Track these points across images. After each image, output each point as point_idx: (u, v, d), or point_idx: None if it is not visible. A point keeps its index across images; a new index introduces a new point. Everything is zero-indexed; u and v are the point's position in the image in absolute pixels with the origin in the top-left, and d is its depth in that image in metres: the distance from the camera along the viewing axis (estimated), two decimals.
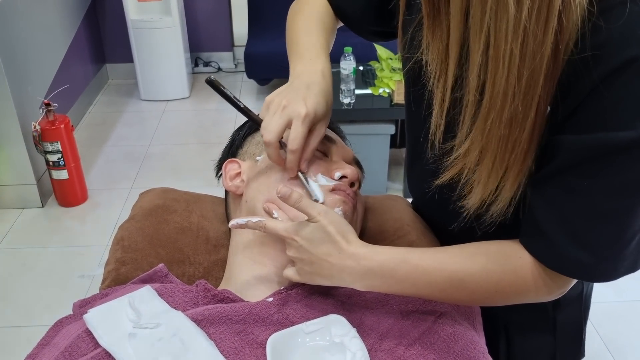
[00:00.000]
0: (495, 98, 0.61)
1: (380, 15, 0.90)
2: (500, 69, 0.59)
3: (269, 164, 0.88)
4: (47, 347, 0.77)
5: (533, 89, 0.60)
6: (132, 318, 0.74)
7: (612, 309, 2.13)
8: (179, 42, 3.59)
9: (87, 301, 0.84)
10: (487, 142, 0.64)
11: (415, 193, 0.99)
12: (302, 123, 0.77)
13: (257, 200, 0.86)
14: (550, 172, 0.67)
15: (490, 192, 0.68)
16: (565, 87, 0.62)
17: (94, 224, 2.61)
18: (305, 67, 0.83)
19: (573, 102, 0.62)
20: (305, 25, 0.90)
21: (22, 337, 2.01)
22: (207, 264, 0.95)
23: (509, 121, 0.62)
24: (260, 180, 0.88)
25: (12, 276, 2.29)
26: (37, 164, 2.64)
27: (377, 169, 2.66)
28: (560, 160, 0.65)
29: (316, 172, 0.86)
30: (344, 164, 0.91)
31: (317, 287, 0.82)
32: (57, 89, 2.78)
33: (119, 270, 0.91)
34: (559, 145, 0.65)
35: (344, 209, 0.84)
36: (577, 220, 0.66)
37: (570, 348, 0.94)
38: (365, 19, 0.94)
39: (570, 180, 0.65)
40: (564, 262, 0.68)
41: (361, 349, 0.72)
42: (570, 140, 0.63)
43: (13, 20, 2.54)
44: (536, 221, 0.69)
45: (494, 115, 0.62)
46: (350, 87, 2.58)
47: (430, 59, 0.68)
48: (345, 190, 0.86)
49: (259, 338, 0.74)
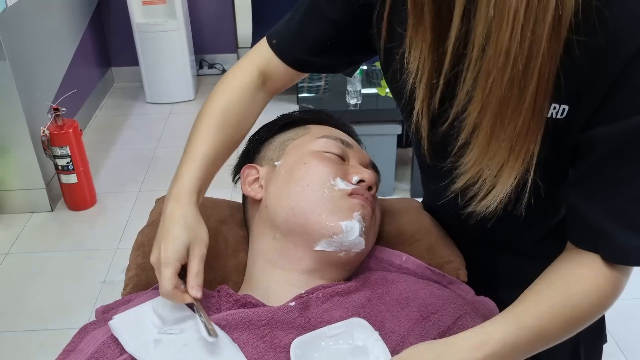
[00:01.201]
0: (498, 55, 0.61)
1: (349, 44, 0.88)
2: (504, 24, 0.59)
3: (288, 168, 0.89)
4: (72, 353, 0.78)
5: (535, 56, 0.60)
6: (156, 324, 0.75)
7: (623, 306, 2.12)
8: (184, 44, 3.60)
9: (110, 307, 0.85)
10: (487, 101, 0.64)
11: (428, 191, 0.99)
12: (164, 268, 0.76)
13: (278, 205, 0.87)
14: (588, 168, 0.68)
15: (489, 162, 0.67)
16: (583, 82, 0.64)
17: (103, 228, 2.63)
18: (174, 205, 0.82)
19: (597, 94, 0.64)
20: (203, 126, 0.88)
21: (34, 341, 2.02)
22: (227, 268, 0.96)
23: (510, 82, 0.62)
24: (280, 185, 0.89)
25: (23, 280, 2.31)
26: (46, 168, 2.65)
27: (384, 169, 2.63)
28: (597, 154, 0.66)
29: (335, 176, 0.87)
30: (361, 167, 0.91)
31: (337, 291, 0.83)
32: (65, 94, 2.79)
33: (140, 276, 0.92)
34: (593, 140, 0.66)
35: (362, 213, 0.85)
36: (629, 208, 0.66)
37: (592, 334, 0.95)
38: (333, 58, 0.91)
39: (613, 170, 0.66)
40: (625, 252, 0.68)
41: (384, 352, 0.73)
42: (604, 132, 0.65)
43: (20, 27, 2.56)
44: (586, 221, 0.70)
45: (495, 73, 0.62)
46: (357, 88, 2.59)
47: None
48: (363, 194, 0.87)
49: (282, 342, 0.75)
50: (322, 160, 0.88)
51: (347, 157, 0.93)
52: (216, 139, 0.87)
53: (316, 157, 0.88)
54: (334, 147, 0.91)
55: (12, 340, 2.03)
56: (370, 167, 0.96)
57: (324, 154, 0.90)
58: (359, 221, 0.84)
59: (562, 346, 0.93)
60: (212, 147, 0.86)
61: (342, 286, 0.84)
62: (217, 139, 0.87)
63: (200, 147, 0.86)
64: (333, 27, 0.86)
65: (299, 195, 0.85)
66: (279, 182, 0.89)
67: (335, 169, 0.88)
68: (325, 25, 0.86)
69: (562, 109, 0.67)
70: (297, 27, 0.89)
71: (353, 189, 0.86)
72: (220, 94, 0.91)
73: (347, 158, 0.93)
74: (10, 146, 2.55)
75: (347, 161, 0.92)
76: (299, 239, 0.85)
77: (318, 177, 0.86)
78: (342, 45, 0.88)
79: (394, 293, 0.83)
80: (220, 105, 0.89)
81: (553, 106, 0.66)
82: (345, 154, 0.93)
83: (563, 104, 0.66)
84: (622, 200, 0.67)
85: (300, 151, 0.91)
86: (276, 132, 0.99)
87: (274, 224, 0.87)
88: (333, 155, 0.90)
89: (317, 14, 0.86)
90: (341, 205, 0.84)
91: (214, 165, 0.87)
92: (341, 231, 0.83)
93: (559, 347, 0.93)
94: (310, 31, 0.88)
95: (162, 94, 3.71)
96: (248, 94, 0.91)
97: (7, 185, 2.62)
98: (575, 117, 0.67)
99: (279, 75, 0.92)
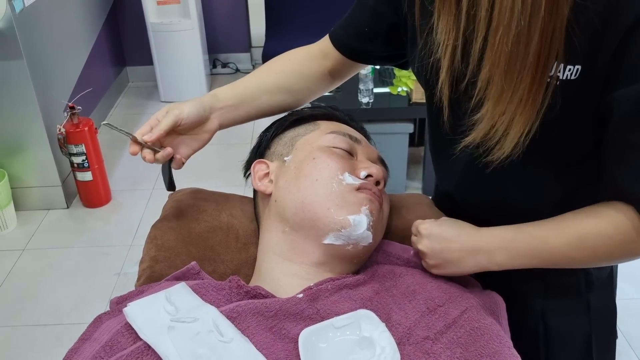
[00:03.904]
0: (503, 13, 0.66)
1: (387, 39, 0.95)
2: None
3: (297, 163, 0.91)
4: (87, 342, 0.80)
5: (537, 12, 0.65)
6: (170, 311, 0.77)
7: (633, 305, 2.12)
8: (198, 44, 3.63)
9: (124, 298, 0.87)
10: (496, 57, 0.69)
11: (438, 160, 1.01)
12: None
13: (287, 200, 0.89)
14: (613, 131, 0.71)
15: (501, 119, 0.72)
16: (594, 42, 0.67)
17: (118, 225, 2.66)
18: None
19: (608, 54, 0.67)
20: (254, 72, 1.03)
21: (50, 335, 2.06)
22: (238, 261, 0.98)
23: (517, 38, 0.67)
24: (289, 180, 0.90)
25: (39, 276, 2.35)
26: (62, 166, 2.70)
27: (395, 168, 2.67)
28: (619, 117, 0.69)
29: (343, 171, 0.88)
30: (369, 163, 0.93)
31: (346, 283, 0.84)
32: (80, 92, 2.83)
33: (153, 268, 0.94)
34: (612, 103, 0.69)
35: (370, 208, 0.86)
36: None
37: (605, 329, 0.96)
38: (372, 48, 0.98)
39: (634, 133, 0.68)
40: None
41: (390, 343, 0.75)
42: (622, 95, 0.68)
43: (37, 26, 2.60)
44: (614, 180, 0.72)
45: (502, 30, 0.67)
46: (369, 87, 2.60)
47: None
48: (371, 188, 0.88)
49: (291, 333, 0.77)
50: (331, 155, 0.89)
51: (355, 152, 0.94)
52: (264, 79, 1.01)
53: (325, 152, 0.90)
54: (342, 143, 0.93)
55: (28, 334, 2.07)
56: (378, 163, 0.97)
57: (333, 149, 0.91)
58: (366, 215, 0.85)
59: (573, 341, 0.94)
60: (255, 82, 1.00)
61: (350, 279, 0.85)
62: (266, 79, 1.01)
63: (244, 80, 1.01)
64: (370, 13, 0.95)
65: (307, 190, 0.87)
66: (289, 177, 0.91)
67: (344, 164, 0.89)
68: (364, 12, 0.96)
69: (576, 70, 0.70)
70: (347, 15, 1.00)
71: (361, 184, 0.88)
72: (281, 55, 1.04)
73: (356, 153, 0.94)
74: (27, 144, 2.59)
75: (355, 156, 0.94)
76: (308, 232, 0.86)
77: (326, 171, 0.87)
78: (380, 34, 0.95)
79: (401, 286, 0.85)
80: (279, 59, 1.03)
81: (568, 68, 0.70)
82: (354, 150, 0.94)
83: (577, 65, 0.70)
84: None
85: (309, 147, 0.92)
86: (286, 128, 1.00)
87: (283, 217, 0.89)
88: (341, 151, 0.92)
89: (361, 2, 0.97)
90: (349, 200, 0.86)
91: (252, 99, 1.00)
92: (349, 225, 0.84)
93: (570, 342, 0.95)
94: (355, 19, 0.98)
95: (176, 93, 3.75)
96: (307, 59, 1.02)
97: (23, 182, 2.66)
98: (589, 78, 0.69)
99: (334, 59, 1.02)
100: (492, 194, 0.88)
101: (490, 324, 0.80)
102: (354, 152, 0.94)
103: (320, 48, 1.02)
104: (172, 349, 0.71)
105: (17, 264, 2.41)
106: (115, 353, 0.74)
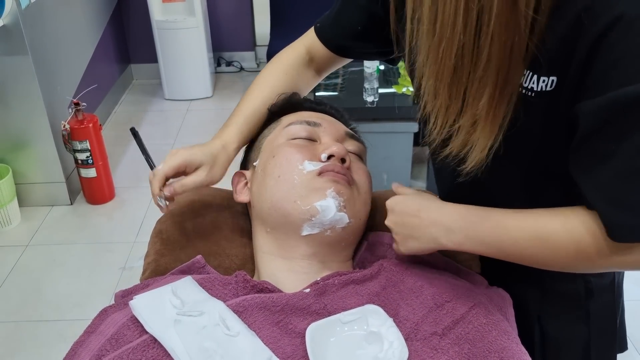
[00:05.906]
0: (445, 27, 0.64)
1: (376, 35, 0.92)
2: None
3: (262, 166, 0.92)
4: (93, 335, 0.80)
5: (486, 24, 0.62)
6: (176, 305, 0.76)
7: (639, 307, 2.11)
8: (202, 42, 3.63)
9: (129, 291, 0.87)
10: (440, 71, 0.68)
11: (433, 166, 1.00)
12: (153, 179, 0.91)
13: (260, 202, 0.90)
14: (578, 141, 0.68)
15: (450, 125, 0.71)
16: (566, 53, 0.65)
17: (121, 221, 2.66)
18: (218, 135, 0.97)
19: (578, 66, 0.64)
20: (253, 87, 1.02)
21: (53, 331, 2.06)
22: (243, 256, 0.98)
23: (461, 52, 0.65)
24: (259, 183, 0.91)
25: (43, 272, 2.35)
26: (66, 162, 2.69)
27: (400, 167, 2.67)
28: (583, 128, 0.66)
29: (302, 160, 0.88)
30: (331, 142, 0.92)
31: (353, 278, 0.84)
32: (85, 89, 2.83)
33: (158, 262, 0.94)
34: (579, 114, 0.66)
35: (336, 189, 0.85)
36: (614, 184, 0.65)
37: (605, 339, 0.93)
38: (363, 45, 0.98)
39: (598, 146, 0.66)
40: (612, 228, 0.66)
41: (398, 338, 0.74)
42: (586, 106, 0.65)
43: (43, 23, 2.60)
44: (583, 192, 0.69)
45: (444, 44, 0.65)
46: (374, 86, 2.59)
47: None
48: (333, 169, 0.87)
49: (298, 328, 0.76)
50: (288, 148, 0.90)
51: (317, 136, 0.94)
52: (264, 98, 0.99)
53: (282, 148, 0.90)
54: (301, 131, 0.93)
55: (31, 330, 2.07)
56: (347, 138, 0.97)
57: (290, 141, 0.91)
58: (333, 197, 0.85)
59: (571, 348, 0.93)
60: (257, 103, 0.99)
61: (357, 274, 0.85)
62: (265, 97, 1.00)
63: (249, 102, 0.99)
64: (362, 12, 0.93)
65: (273, 188, 0.88)
66: (258, 181, 0.92)
67: (303, 153, 0.89)
68: (356, 11, 0.95)
69: (552, 81, 0.68)
70: (336, 12, 0.98)
71: (322, 167, 0.87)
72: (271, 63, 1.04)
73: (318, 137, 0.94)
74: (31, 140, 2.59)
75: (318, 140, 0.93)
76: (286, 228, 0.87)
77: (286, 166, 0.88)
78: (372, 32, 0.93)
79: (408, 282, 0.84)
80: (269, 72, 1.02)
81: (542, 79, 0.68)
82: (314, 134, 0.94)
83: (552, 76, 0.67)
84: (608, 176, 0.65)
85: (271, 146, 0.93)
86: (258, 133, 1.01)
87: (262, 220, 0.91)
88: (301, 140, 0.92)
89: (351, 1, 0.96)
90: (313, 186, 0.85)
91: (259, 120, 1.00)
92: (317, 212, 0.84)
93: (568, 349, 0.93)
94: (345, 17, 0.97)
95: (180, 91, 3.75)
96: (295, 66, 1.02)
97: (27, 178, 2.66)
98: (562, 89, 0.67)
99: (322, 57, 1.02)
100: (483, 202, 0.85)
101: (498, 320, 0.79)
102: (315, 136, 0.93)
103: (309, 50, 1.02)
104: (179, 343, 0.70)
105: (20, 260, 2.41)
106: (121, 346, 0.74)
